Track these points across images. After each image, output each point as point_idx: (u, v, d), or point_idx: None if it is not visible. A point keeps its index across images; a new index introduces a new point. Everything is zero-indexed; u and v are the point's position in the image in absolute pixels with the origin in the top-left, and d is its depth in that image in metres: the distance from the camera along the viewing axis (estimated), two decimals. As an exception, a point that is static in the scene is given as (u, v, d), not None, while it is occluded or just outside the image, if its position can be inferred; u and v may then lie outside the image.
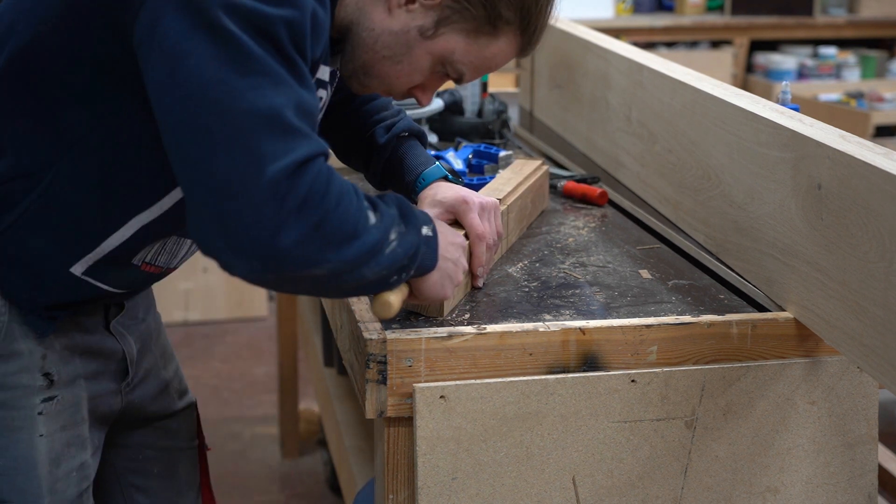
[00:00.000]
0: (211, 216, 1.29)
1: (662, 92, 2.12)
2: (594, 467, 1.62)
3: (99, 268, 1.56)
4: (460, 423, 1.57)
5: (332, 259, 1.32)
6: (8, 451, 1.58)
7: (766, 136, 1.73)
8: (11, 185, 1.49)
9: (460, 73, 1.58)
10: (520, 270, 1.87)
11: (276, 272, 1.31)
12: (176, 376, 1.92)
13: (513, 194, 1.98)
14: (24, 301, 1.56)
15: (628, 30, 5.17)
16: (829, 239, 1.56)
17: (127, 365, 1.73)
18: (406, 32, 1.53)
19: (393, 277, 1.43)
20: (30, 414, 1.58)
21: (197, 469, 1.96)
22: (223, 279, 4.71)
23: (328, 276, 1.34)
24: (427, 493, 1.58)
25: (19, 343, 1.56)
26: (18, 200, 1.50)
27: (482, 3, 1.51)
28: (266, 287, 1.39)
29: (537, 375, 1.60)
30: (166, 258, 1.64)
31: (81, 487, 1.66)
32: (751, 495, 1.69)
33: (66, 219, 1.51)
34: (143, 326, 1.80)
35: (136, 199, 1.51)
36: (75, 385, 1.63)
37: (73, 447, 1.63)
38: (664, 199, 2.13)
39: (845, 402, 1.69)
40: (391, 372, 1.56)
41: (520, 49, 1.59)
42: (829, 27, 5.52)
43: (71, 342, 1.62)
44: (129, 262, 1.59)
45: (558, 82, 2.81)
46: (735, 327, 1.65)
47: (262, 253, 1.28)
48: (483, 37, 1.54)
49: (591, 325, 1.62)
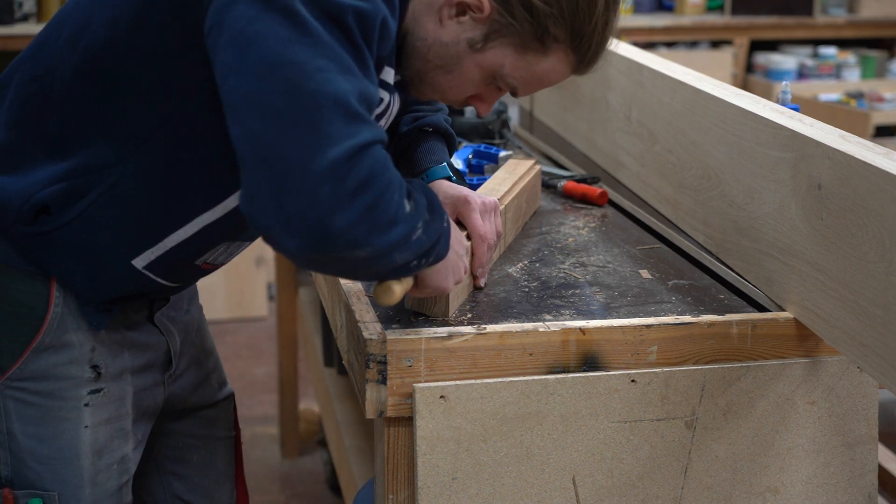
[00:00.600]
0: (268, 192, 1.30)
1: (662, 92, 2.12)
2: (594, 467, 1.62)
3: (160, 263, 1.59)
4: (460, 423, 1.57)
5: (375, 242, 1.34)
6: (53, 441, 1.61)
7: (766, 136, 1.73)
8: (80, 179, 1.53)
9: (512, 88, 1.59)
10: (520, 270, 1.87)
11: (323, 251, 1.32)
12: (216, 367, 1.96)
13: (509, 194, 1.99)
14: (82, 292, 1.59)
15: (628, 30, 5.17)
16: (829, 239, 1.56)
17: (171, 357, 1.77)
18: (456, 44, 1.54)
19: (413, 262, 1.44)
20: (76, 405, 1.62)
21: (233, 459, 1.99)
22: (223, 279, 4.71)
23: (367, 258, 1.36)
24: (427, 493, 1.58)
25: (70, 335, 1.60)
26: (85, 194, 1.53)
27: (529, 20, 1.51)
28: (305, 266, 1.41)
29: (537, 375, 1.60)
30: (224, 258, 1.68)
31: (122, 480, 1.69)
32: (751, 495, 1.69)
33: (131, 213, 1.54)
34: (187, 318, 1.84)
35: (200, 198, 1.55)
36: (122, 378, 1.67)
37: (116, 440, 1.67)
38: (664, 199, 2.13)
39: (845, 402, 1.69)
40: (391, 372, 1.56)
41: (574, 68, 1.58)
42: (829, 27, 5.51)
43: (120, 336, 1.66)
44: (192, 262, 1.63)
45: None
46: (735, 327, 1.65)
47: (314, 232, 1.30)
48: (531, 53, 1.54)
49: (592, 325, 1.62)
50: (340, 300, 1.75)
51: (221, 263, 1.69)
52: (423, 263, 1.47)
